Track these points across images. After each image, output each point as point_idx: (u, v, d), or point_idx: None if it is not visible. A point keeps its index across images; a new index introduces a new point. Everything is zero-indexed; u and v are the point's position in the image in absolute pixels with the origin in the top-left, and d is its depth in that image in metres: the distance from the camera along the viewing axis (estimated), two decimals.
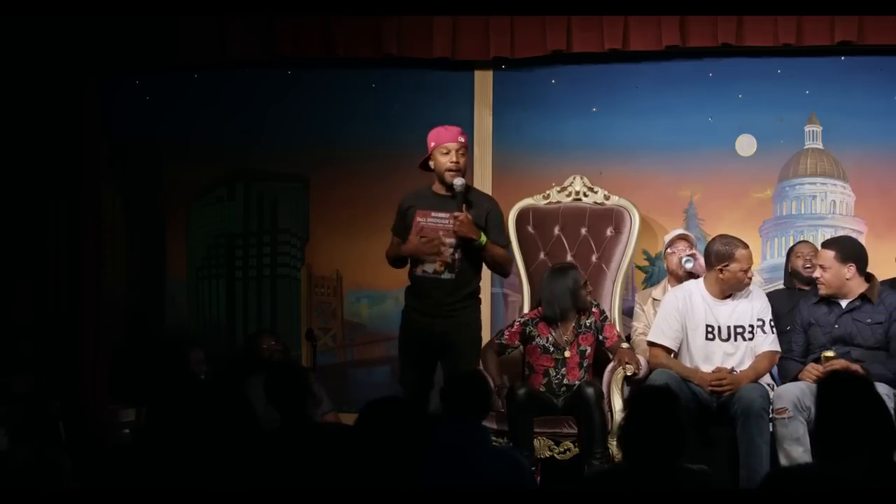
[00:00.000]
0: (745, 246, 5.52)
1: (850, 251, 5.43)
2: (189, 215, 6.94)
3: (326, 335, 6.75)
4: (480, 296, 5.57)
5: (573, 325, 5.76)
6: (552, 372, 5.74)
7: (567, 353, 5.72)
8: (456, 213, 5.28)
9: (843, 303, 5.43)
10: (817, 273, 5.46)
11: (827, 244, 5.53)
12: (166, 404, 4.12)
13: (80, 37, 6.60)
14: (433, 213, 5.34)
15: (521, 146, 6.60)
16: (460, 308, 5.39)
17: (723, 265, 5.47)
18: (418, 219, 5.35)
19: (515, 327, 5.82)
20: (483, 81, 6.61)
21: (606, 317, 5.87)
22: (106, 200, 6.86)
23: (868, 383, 3.41)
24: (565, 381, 5.73)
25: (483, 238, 5.30)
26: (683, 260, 5.96)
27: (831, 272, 5.41)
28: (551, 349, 5.74)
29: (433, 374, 5.46)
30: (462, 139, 5.37)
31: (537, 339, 5.75)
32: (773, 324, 5.54)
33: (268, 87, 6.80)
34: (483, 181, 6.55)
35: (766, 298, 5.64)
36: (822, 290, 5.44)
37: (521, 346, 5.84)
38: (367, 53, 6.53)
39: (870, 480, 3.19)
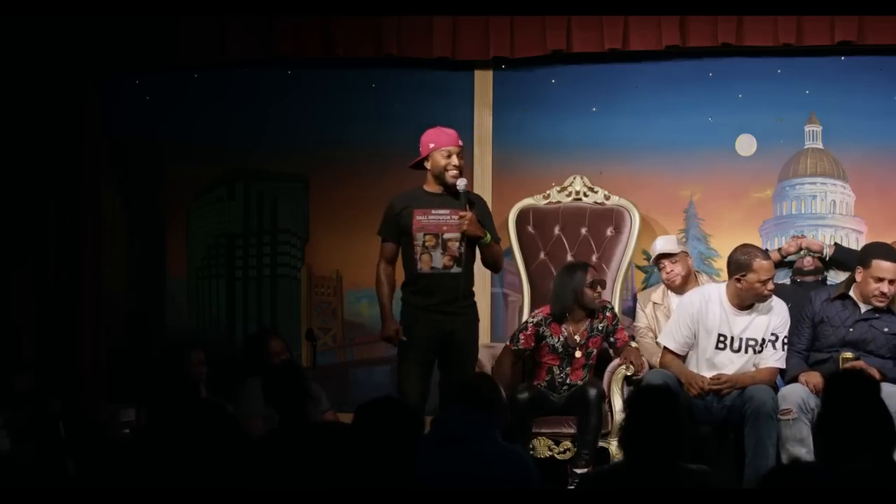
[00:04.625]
0: (766, 257, 5.47)
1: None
2: (189, 215, 6.93)
3: (326, 335, 6.75)
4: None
5: (585, 327, 5.74)
6: (556, 370, 5.73)
7: (577, 354, 5.72)
8: (462, 213, 5.31)
9: (863, 308, 5.42)
10: (886, 288, 5.36)
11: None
12: (163, 406, 4.13)
13: (80, 37, 6.60)
14: (433, 211, 5.38)
15: (522, 146, 6.60)
16: (465, 305, 5.42)
17: (740, 275, 5.41)
18: (418, 217, 5.38)
19: (530, 329, 5.74)
20: (483, 81, 6.60)
21: (618, 321, 5.86)
22: (106, 200, 6.85)
23: (874, 384, 3.41)
24: (568, 381, 5.73)
25: (488, 236, 5.35)
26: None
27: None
28: (560, 349, 5.72)
29: (431, 375, 5.45)
30: (461, 142, 5.45)
31: (548, 339, 5.73)
32: (786, 341, 5.49)
33: (268, 87, 6.79)
34: (483, 181, 6.55)
35: (787, 314, 5.54)
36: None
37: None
38: (367, 53, 6.53)
39: (870, 480, 3.19)
